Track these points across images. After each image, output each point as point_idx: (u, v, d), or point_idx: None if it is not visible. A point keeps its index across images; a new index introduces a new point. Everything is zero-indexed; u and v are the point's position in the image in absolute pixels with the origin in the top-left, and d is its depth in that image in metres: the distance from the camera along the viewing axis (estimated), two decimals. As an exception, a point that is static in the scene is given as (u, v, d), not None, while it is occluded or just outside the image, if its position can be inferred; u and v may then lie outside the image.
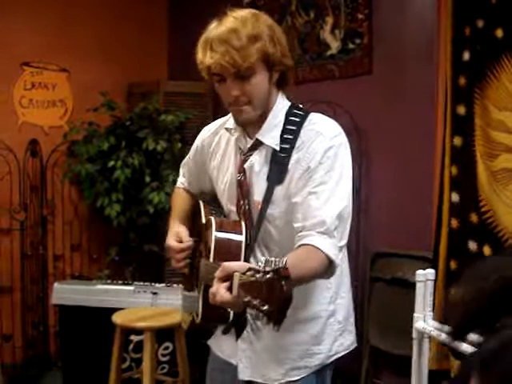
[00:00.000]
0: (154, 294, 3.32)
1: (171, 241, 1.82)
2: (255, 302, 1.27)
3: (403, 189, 3.27)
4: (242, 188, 1.75)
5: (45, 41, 4.13)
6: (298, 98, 3.37)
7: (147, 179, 3.81)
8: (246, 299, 1.27)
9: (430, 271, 1.99)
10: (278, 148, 1.69)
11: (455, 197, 2.86)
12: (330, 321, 1.79)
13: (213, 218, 1.75)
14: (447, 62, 2.89)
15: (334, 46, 3.55)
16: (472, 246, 2.77)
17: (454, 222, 2.86)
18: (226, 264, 1.39)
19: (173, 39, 4.61)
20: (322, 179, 1.62)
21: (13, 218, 3.99)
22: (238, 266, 1.39)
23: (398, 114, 3.27)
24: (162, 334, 3.06)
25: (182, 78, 4.19)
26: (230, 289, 1.34)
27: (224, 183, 1.83)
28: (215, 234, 1.68)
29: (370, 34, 3.38)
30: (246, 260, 1.66)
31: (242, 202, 1.76)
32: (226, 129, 1.82)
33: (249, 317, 1.75)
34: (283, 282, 1.27)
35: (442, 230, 2.93)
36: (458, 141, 2.86)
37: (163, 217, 3.44)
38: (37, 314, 4.10)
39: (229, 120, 1.83)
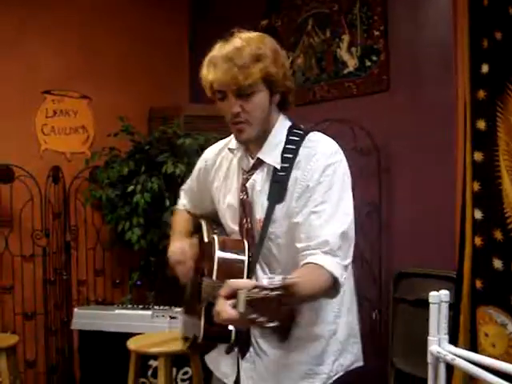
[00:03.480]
0: (173, 318, 3.29)
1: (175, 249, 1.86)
2: (261, 319, 1.25)
3: (425, 206, 3.20)
4: (245, 207, 1.75)
5: (65, 68, 4.18)
6: (316, 117, 3.37)
7: (167, 203, 3.79)
8: (252, 316, 1.25)
9: (444, 292, 1.92)
10: (278, 166, 1.69)
11: (478, 214, 2.78)
12: (332, 340, 1.75)
13: (216, 237, 1.75)
14: (465, 75, 2.83)
15: (351, 63, 3.53)
16: (497, 264, 2.68)
17: (478, 240, 2.78)
18: (231, 281, 1.37)
19: (194, 62, 4.63)
20: (323, 198, 1.62)
21: (35, 244, 4.01)
22: (243, 283, 1.36)
23: (417, 130, 3.22)
24: (181, 359, 3.02)
25: (204, 101, 4.17)
26: (235, 306, 1.31)
27: (226, 203, 1.83)
28: (218, 253, 1.67)
29: (387, 50, 3.35)
30: (248, 278, 1.64)
31: (244, 221, 1.75)
32: (229, 149, 1.84)
33: (252, 336, 1.74)
34: (290, 299, 1.26)
35: (466, 249, 2.84)
36: (478, 156, 2.79)
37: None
38: (61, 340, 4.10)
39: (231, 141, 1.85)
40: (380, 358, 3.22)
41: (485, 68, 2.74)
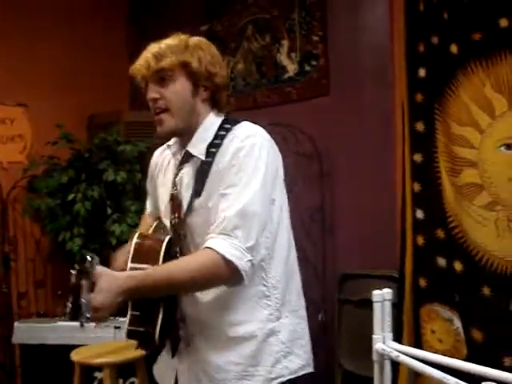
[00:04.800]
0: (117, 328, 3.22)
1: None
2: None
3: (367, 208, 3.25)
4: (174, 201, 1.74)
5: (2, 76, 4.06)
6: (257, 122, 3.36)
7: (109, 211, 3.74)
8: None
9: (387, 291, 1.94)
10: (203, 158, 1.68)
11: (419, 213, 2.84)
12: (270, 340, 1.69)
13: (137, 232, 1.74)
14: (403, 79, 2.89)
15: (291, 68, 3.56)
16: (441, 262, 2.74)
17: (420, 239, 2.84)
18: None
19: (133, 69, 4.57)
20: (232, 181, 1.60)
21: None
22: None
23: (357, 133, 3.27)
24: (127, 370, 2.97)
25: (144, 108, 4.13)
26: None
27: (163, 201, 1.82)
28: (136, 240, 1.67)
29: (326, 55, 3.39)
30: None
31: (173, 215, 1.74)
32: (167, 145, 1.84)
33: (182, 333, 1.73)
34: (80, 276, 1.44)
35: (407, 248, 2.90)
36: (418, 157, 2.85)
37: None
38: (2, 355, 3.97)
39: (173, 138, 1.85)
40: (327, 360, 3.25)
41: (422, 72, 2.80)
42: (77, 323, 1.49)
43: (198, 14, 4.04)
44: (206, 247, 1.55)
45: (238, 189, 1.59)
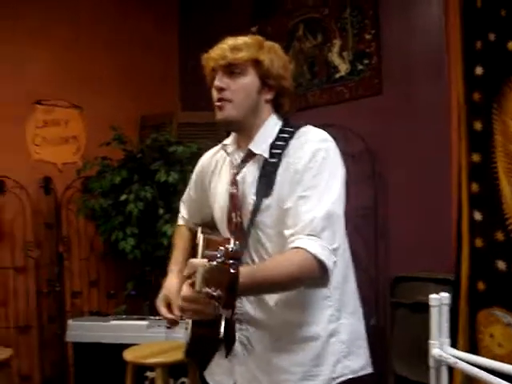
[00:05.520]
0: (169, 328, 3.24)
1: (161, 306, 1.83)
2: (209, 290, 1.26)
3: (421, 209, 3.18)
4: (234, 201, 1.73)
5: (55, 78, 4.15)
6: (309, 122, 3.34)
7: (161, 211, 3.76)
8: (205, 290, 1.27)
9: (445, 295, 1.89)
10: (267, 156, 1.68)
11: (477, 215, 2.77)
12: (332, 340, 1.70)
13: (201, 237, 1.72)
14: (459, 77, 2.82)
15: (343, 68, 3.52)
16: (501, 265, 2.66)
17: (479, 242, 2.76)
18: (191, 260, 1.40)
19: (185, 70, 4.61)
20: (311, 183, 1.59)
21: (27, 256, 3.97)
22: (201, 260, 1.37)
23: (411, 133, 3.21)
24: (178, 370, 2.97)
25: (196, 109, 4.16)
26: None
27: (218, 201, 1.81)
28: (201, 248, 1.65)
29: (379, 54, 3.34)
30: None
31: (233, 215, 1.73)
32: (223, 145, 1.84)
33: (240, 335, 1.71)
34: (231, 264, 1.28)
35: (463, 251, 2.83)
36: (476, 157, 2.78)
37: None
38: (55, 353, 4.05)
39: (227, 139, 1.84)
40: (379, 364, 3.19)
41: (479, 70, 2.74)
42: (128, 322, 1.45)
43: (249, 15, 4.04)
44: (298, 247, 1.52)
45: (319, 191, 1.58)
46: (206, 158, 1.95)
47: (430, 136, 3.11)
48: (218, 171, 1.86)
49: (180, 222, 2.09)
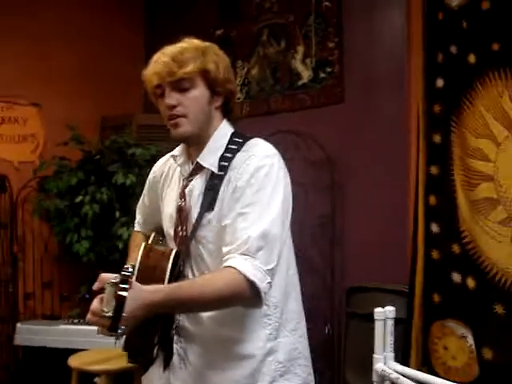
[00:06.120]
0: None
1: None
2: (104, 309, 1.29)
3: (378, 220, 3.18)
4: (181, 213, 1.70)
5: (15, 75, 4.04)
6: (270, 128, 3.33)
7: (117, 214, 3.70)
8: (101, 308, 1.30)
9: (390, 309, 1.87)
10: (215, 170, 1.64)
11: (435, 227, 2.78)
12: (269, 359, 1.65)
13: (142, 244, 1.66)
14: (419, 89, 2.83)
15: (306, 75, 3.51)
16: (456, 277, 2.68)
17: (435, 253, 2.77)
18: (101, 275, 1.39)
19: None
20: (251, 200, 1.56)
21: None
22: (111, 276, 1.35)
23: (371, 142, 3.20)
24: (124, 377, 2.90)
25: (157, 111, 4.10)
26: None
27: (167, 211, 1.77)
28: (140, 258, 1.60)
29: (341, 62, 3.34)
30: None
31: (179, 228, 1.70)
32: (172, 156, 1.79)
33: (178, 347, 1.67)
34: (121, 288, 1.29)
35: (418, 262, 2.83)
36: (434, 170, 2.79)
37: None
38: (6, 356, 3.94)
39: (177, 149, 1.80)
40: (332, 375, 3.18)
41: (440, 82, 2.75)
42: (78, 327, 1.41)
43: (213, 18, 4.00)
44: (229, 266, 1.49)
45: (259, 208, 1.55)
46: (158, 166, 1.91)
47: (389, 147, 3.11)
48: (168, 180, 1.82)
49: (136, 227, 2.06)
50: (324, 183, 3.29)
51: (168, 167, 1.84)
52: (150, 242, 1.82)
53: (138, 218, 2.04)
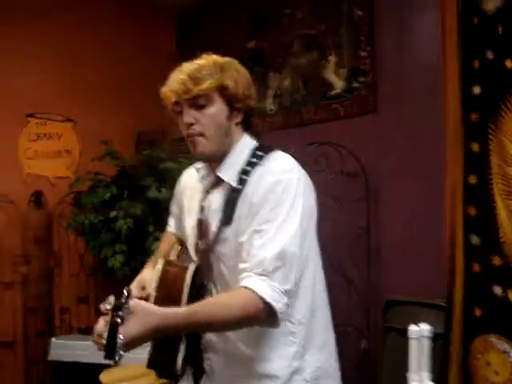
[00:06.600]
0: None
1: (133, 288, 1.79)
2: (103, 333, 1.29)
3: (415, 231, 3.09)
4: (201, 226, 1.69)
5: (49, 91, 4.10)
6: (303, 139, 3.29)
7: (150, 228, 3.70)
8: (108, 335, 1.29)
9: (425, 327, 1.79)
10: (234, 184, 1.62)
11: (475, 239, 2.69)
12: (295, 378, 1.61)
13: (161, 260, 1.67)
14: (456, 97, 2.75)
15: (338, 85, 3.46)
16: (497, 291, 2.58)
17: (475, 266, 2.68)
18: (110, 297, 1.37)
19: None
20: (268, 217, 1.52)
21: (15, 271, 3.90)
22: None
23: (406, 153, 3.13)
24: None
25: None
26: None
27: (189, 223, 1.77)
28: (160, 273, 1.60)
29: (374, 71, 3.28)
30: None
31: (199, 242, 1.69)
32: (196, 168, 1.79)
33: (205, 365, 1.66)
34: (115, 315, 1.28)
35: (457, 275, 2.74)
36: (473, 179, 2.71)
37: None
38: (42, 370, 3.96)
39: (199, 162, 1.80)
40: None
41: (477, 89, 2.67)
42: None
43: (245, 31, 3.99)
44: (245, 287, 1.47)
45: (275, 226, 1.51)
46: (184, 177, 1.92)
47: (425, 156, 3.03)
48: (192, 192, 1.81)
49: (168, 229, 2.08)
50: (358, 194, 3.23)
51: (193, 179, 1.83)
52: (174, 253, 1.82)
53: (171, 220, 2.05)
